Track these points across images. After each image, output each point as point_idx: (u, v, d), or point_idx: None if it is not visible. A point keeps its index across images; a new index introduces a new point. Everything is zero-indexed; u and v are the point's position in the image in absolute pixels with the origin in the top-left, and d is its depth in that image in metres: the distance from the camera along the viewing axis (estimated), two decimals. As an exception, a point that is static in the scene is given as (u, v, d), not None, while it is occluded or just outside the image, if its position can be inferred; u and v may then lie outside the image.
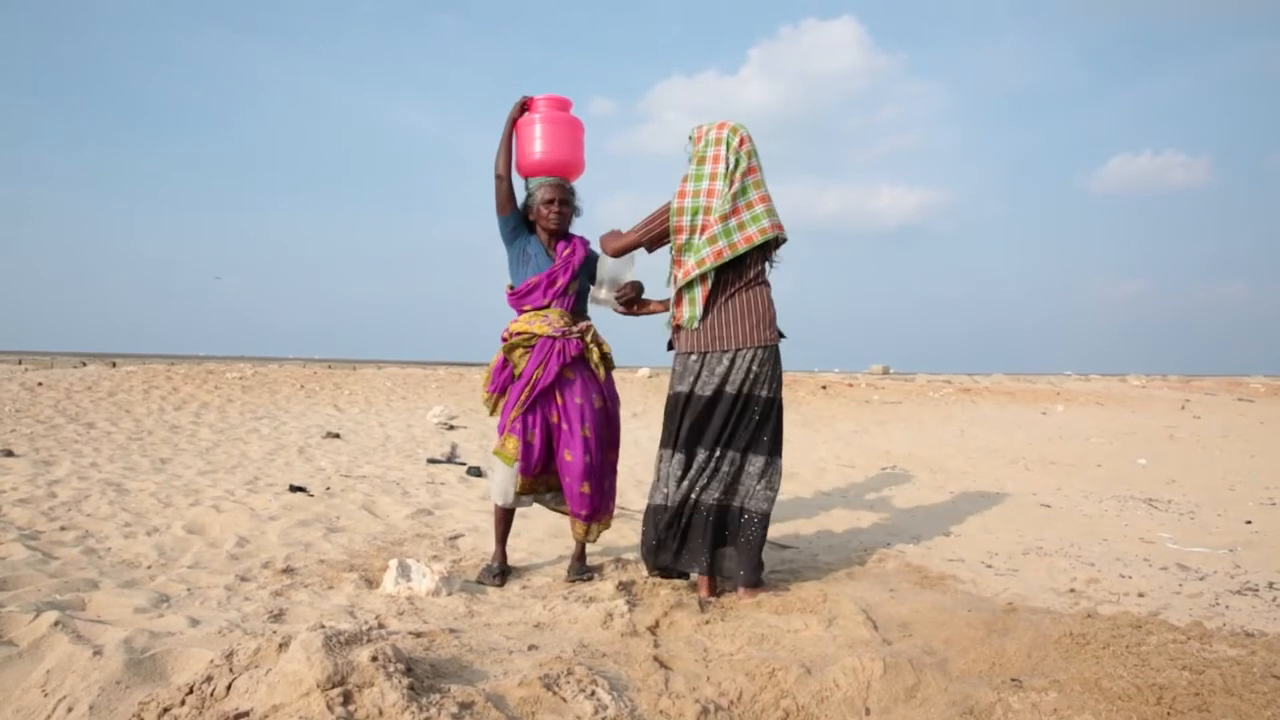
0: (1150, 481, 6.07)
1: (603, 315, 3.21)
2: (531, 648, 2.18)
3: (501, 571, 3.06)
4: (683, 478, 2.87)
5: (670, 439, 2.92)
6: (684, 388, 2.89)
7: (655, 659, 2.12)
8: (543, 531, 3.89)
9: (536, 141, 3.08)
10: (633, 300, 3.10)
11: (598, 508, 3.06)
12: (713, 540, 2.85)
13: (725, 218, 2.80)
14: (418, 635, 2.20)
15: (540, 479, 3.07)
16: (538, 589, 2.95)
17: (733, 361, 2.84)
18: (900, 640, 2.41)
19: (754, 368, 2.84)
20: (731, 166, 2.83)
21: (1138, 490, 5.63)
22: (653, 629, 2.42)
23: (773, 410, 2.89)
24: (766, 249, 2.91)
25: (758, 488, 2.86)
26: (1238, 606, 2.90)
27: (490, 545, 3.58)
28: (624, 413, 10.29)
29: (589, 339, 3.06)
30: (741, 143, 2.86)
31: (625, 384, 12.77)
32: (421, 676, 1.78)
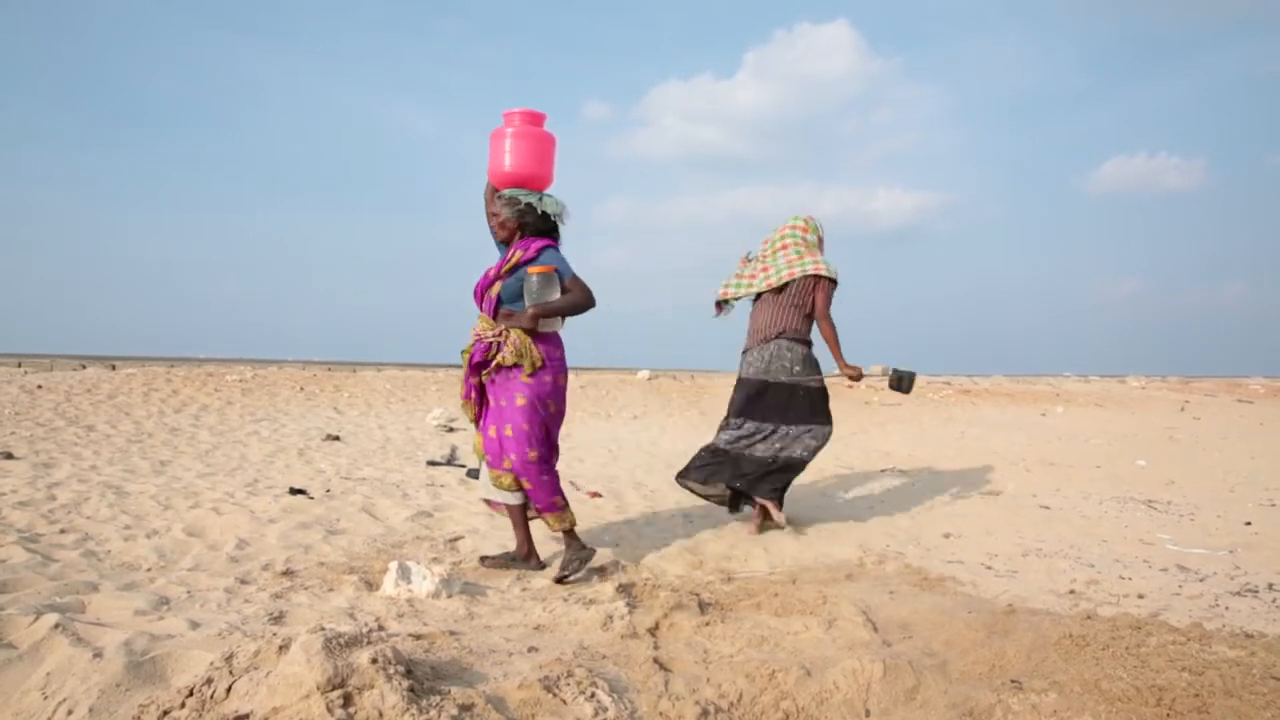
0: (1150, 483, 6.08)
1: (591, 321, 3.32)
2: (531, 650, 2.18)
3: (521, 557, 3.25)
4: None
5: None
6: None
7: (655, 661, 2.12)
8: (542, 532, 3.89)
9: (505, 155, 3.23)
10: (528, 326, 3.12)
11: (539, 502, 3.17)
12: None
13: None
14: (418, 637, 2.20)
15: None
16: (537, 591, 2.95)
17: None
18: (900, 642, 2.41)
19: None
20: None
21: (1137, 491, 5.63)
22: (652, 631, 2.42)
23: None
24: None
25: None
26: (1237, 608, 2.90)
27: (488, 545, 3.58)
28: (624, 415, 10.30)
29: (507, 342, 3.11)
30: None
31: (624, 386, 12.77)
32: (421, 678, 1.78)
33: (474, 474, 5.41)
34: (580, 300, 3.16)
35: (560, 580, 3.08)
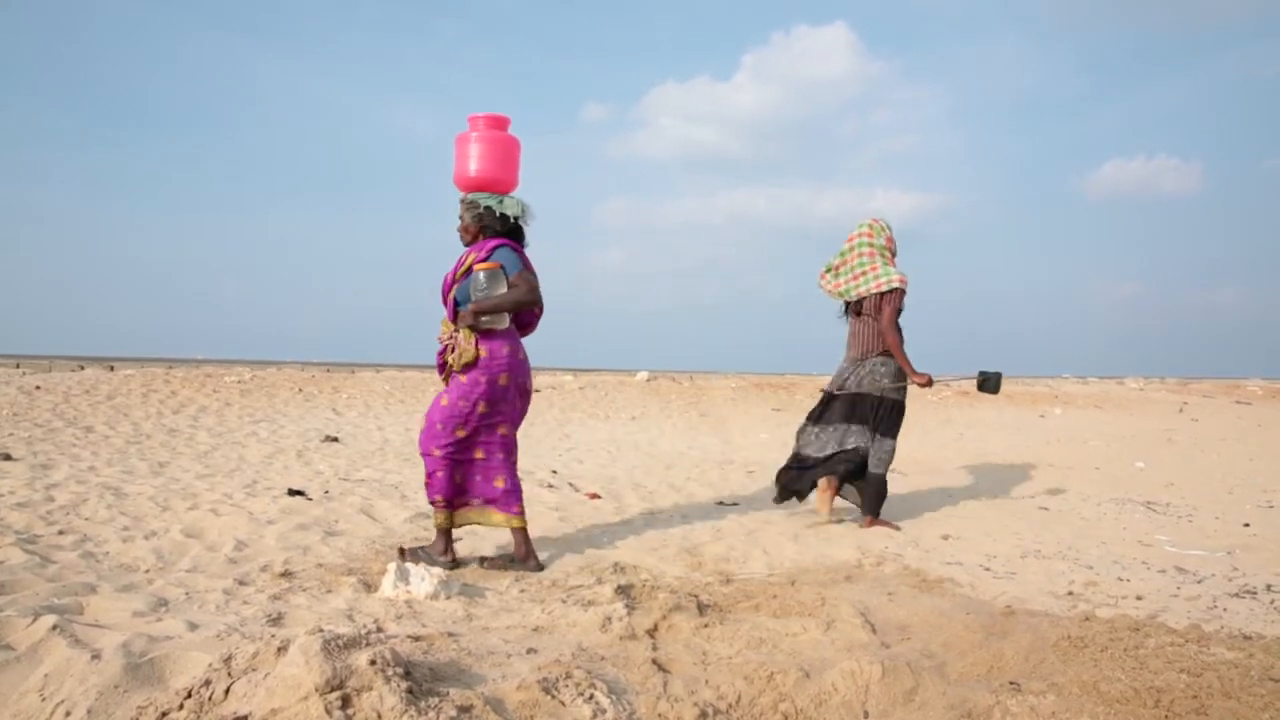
0: (1148, 484, 6.08)
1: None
2: (530, 651, 2.18)
3: (520, 559, 3.32)
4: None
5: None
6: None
7: (654, 662, 2.12)
8: (539, 535, 3.90)
9: (470, 160, 3.31)
10: (469, 322, 3.22)
11: (426, 493, 3.32)
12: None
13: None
14: (416, 639, 2.20)
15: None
16: (535, 592, 2.95)
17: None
18: (898, 643, 2.41)
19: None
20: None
21: (1136, 493, 5.64)
22: (651, 632, 2.42)
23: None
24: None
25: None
26: (1235, 609, 2.90)
27: (486, 547, 3.58)
28: (622, 416, 10.30)
29: (456, 344, 3.22)
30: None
31: (623, 388, 12.77)
32: (420, 680, 1.78)
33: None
34: (520, 296, 3.20)
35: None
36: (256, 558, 3.24)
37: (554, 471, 5.92)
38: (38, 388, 8.75)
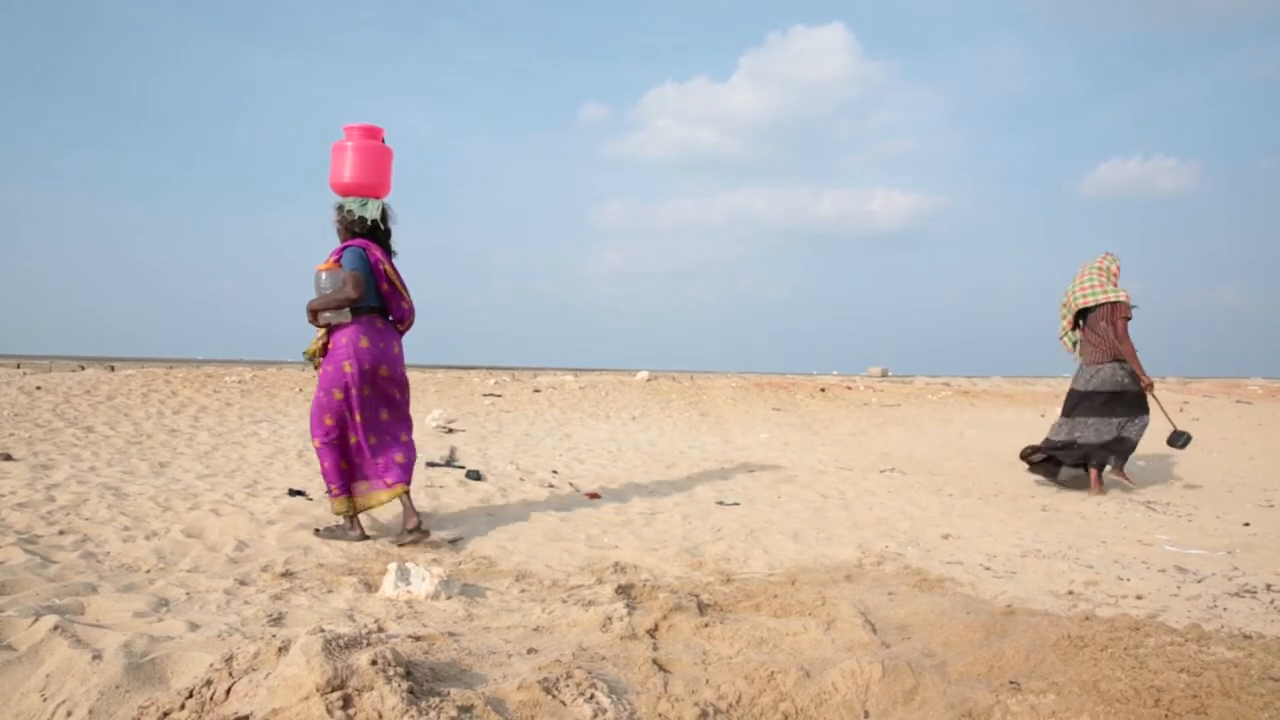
0: (1149, 484, 6.08)
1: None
2: (530, 651, 2.18)
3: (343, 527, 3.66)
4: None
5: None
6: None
7: (654, 662, 2.13)
8: (542, 535, 3.90)
9: (345, 167, 3.62)
10: (310, 320, 3.62)
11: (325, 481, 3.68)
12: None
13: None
14: (417, 639, 2.20)
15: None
16: (536, 592, 2.96)
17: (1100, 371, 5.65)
18: (899, 643, 2.42)
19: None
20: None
21: (1136, 493, 5.64)
22: (652, 632, 2.42)
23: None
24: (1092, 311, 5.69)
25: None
26: (1235, 609, 2.90)
27: (487, 547, 3.59)
28: (622, 416, 10.32)
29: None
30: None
31: (623, 387, 12.78)
32: (421, 680, 1.79)
33: (474, 475, 5.42)
34: (344, 293, 3.48)
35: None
36: (257, 558, 3.24)
37: (554, 471, 5.92)
38: (38, 388, 8.76)
